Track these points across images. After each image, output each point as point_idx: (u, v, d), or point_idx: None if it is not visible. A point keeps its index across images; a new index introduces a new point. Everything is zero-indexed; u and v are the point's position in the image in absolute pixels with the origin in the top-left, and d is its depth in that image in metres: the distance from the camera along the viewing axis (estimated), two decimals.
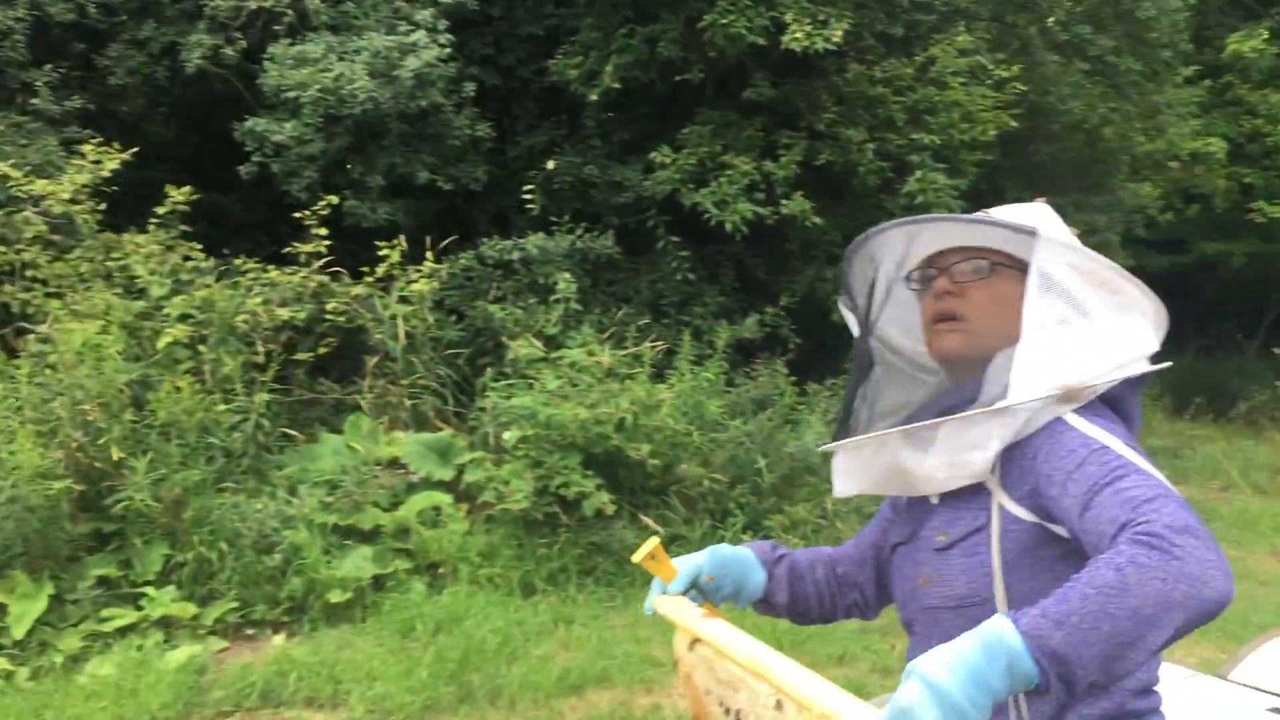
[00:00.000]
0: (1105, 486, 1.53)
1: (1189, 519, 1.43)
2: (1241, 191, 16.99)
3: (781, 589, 2.00)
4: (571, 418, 7.25)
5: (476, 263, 9.15)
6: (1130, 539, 1.42)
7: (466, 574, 6.89)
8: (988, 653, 1.31)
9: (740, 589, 1.97)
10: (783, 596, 2.00)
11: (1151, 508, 1.46)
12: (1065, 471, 1.60)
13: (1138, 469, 1.55)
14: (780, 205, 9.35)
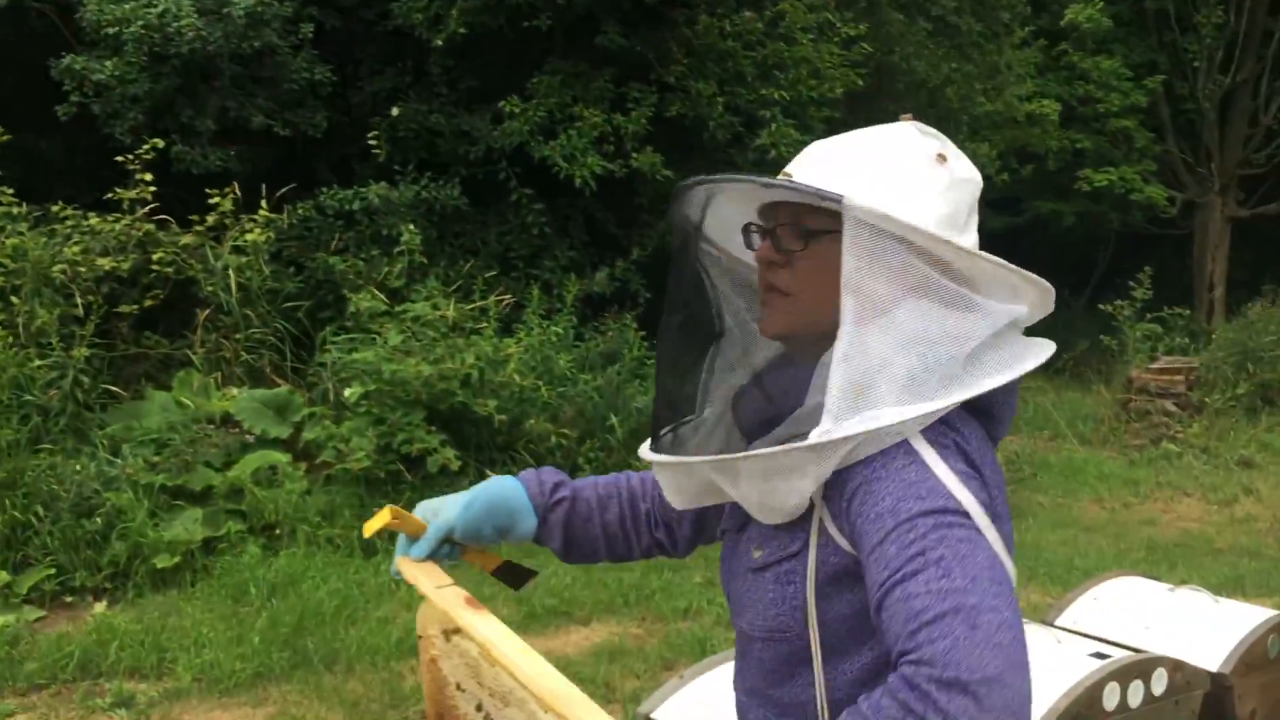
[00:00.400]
0: (895, 586, 1.23)
1: (972, 654, 1.14)
2: (1073, 154, 17.69)
3: (555, 535, 1.75)
4: (415, 373, 7.06)
5: (316, 212, 8.83)
6: (893, 683, 1.18)
7: (304, 535, 6.66)
8: None
9: (507, 533, 1.73)
10: (557, 543, 1.76)
11: (931, 634, 1.16)
12: (870, 543, 1.29)
13: (938, 560, 1.22)
14: (630, 159, 9.26)
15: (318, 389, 7.72)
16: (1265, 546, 7.70)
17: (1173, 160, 18.85)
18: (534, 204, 9.49)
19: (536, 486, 1.74)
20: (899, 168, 1.43)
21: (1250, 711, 3.28)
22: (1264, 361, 11.53)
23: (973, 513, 1.28)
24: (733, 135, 9.87)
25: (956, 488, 1.30)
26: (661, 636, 5.61)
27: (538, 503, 1.74)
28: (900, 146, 1.45)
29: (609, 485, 1.80)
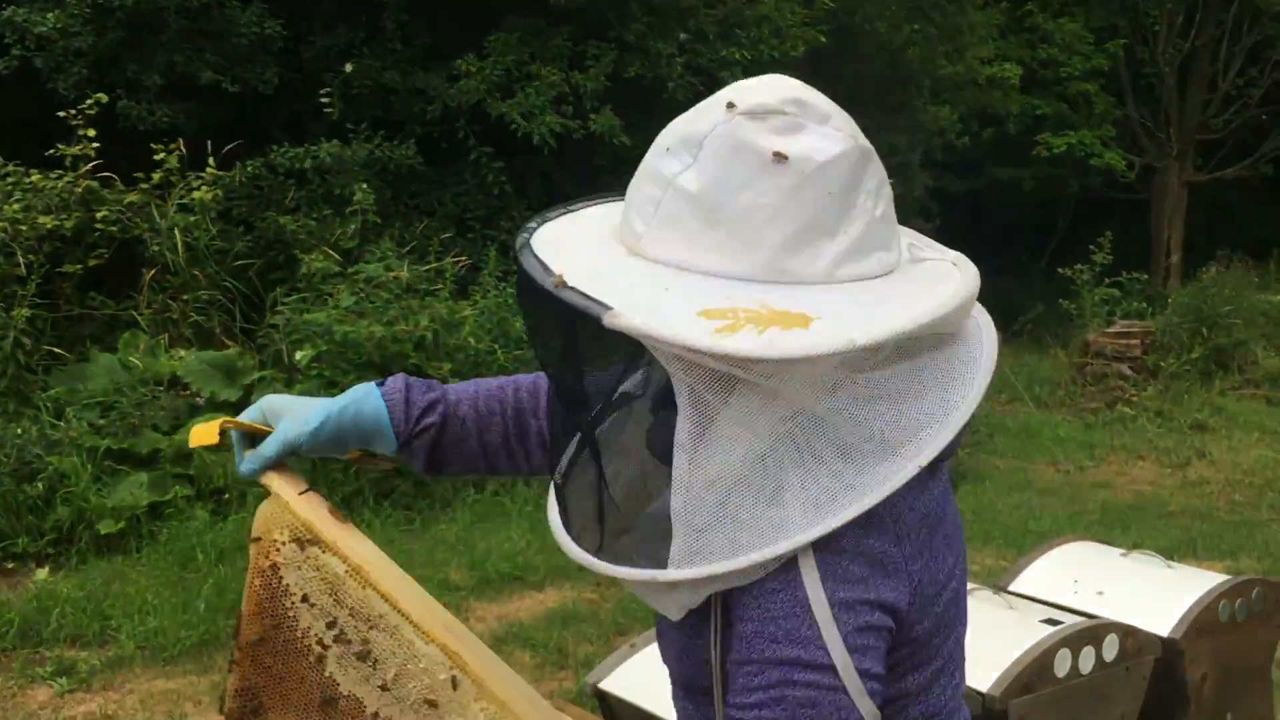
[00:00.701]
0: (731, 714, 1.19)
1: None
2: (1033, 119, 17.68)
3: (418, 457, 1.56)
4: (367, 335, 6.94)
5: (266, 171, 8.62)
6: None
7: (254, 500, 6.53)
8: None
9: (364, 447, 1.56)
10: (419, 464, 1.57)
11: None
12: (730, 655, 1.21)
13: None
14: (589, 119, 9.12)
15: (268, 351, 7.57)
16: (1217, 510, 7.77)
17: (1132, 125, 18.90)
18: (493, 163, 9.34)
19: (402, 409, 1.54)
20: (709, 207, 1.15)
21: (1201, 676, 3.27)
22: (1219, 326, 11.61)
23: (836, 663, 1.14)
24: (693, 95, 9.73)
25: (827, 628, 1.14)
26: (616, 601, 5.56)
27: (400, 428, 1.54)
28: (717, 167, 1.15)
29: (490, 401, 1.59)
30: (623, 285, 1.16)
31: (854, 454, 1.16)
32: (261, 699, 1.52)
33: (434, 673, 1.47)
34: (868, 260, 1.20)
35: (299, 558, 1.49)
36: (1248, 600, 3.36)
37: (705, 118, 1.19)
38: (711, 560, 1.16)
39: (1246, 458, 8.92)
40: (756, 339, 1.09)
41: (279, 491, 1.52)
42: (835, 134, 1.17)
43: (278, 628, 1.50)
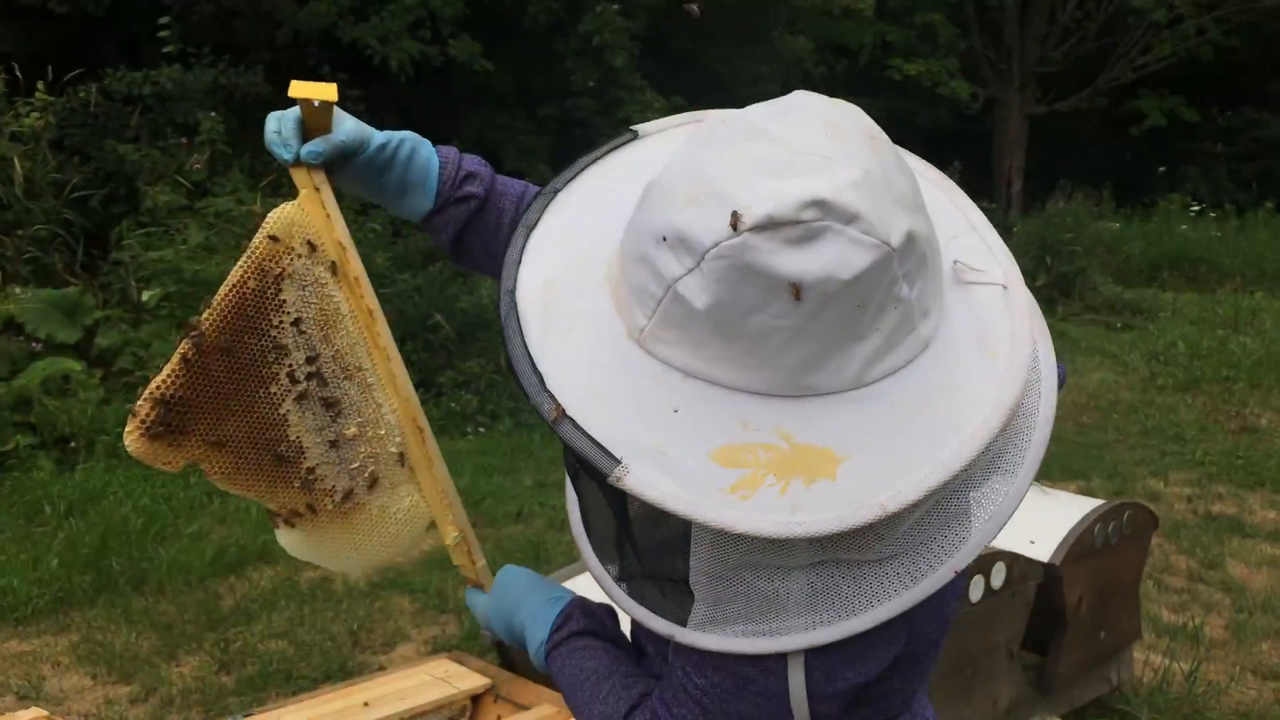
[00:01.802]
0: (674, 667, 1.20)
1: None
2: (882, 48, 17.95)
3: (447, 230, 1.46)
4: (221, 274, 6.59)
5: (101, 97, 8.08)
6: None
7: (103, 448, 6.22)
8: (521, 638, 1.42)
9: (391, 199, 1.45)
10: (445, 238, 1.47)
11: (663, 715, 1.20)
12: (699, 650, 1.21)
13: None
14: (447, 45, 8.83)
15: (113, 289, 7.16)
16: (1066, 432, 8.09)
17: (976, 57, 19.35)
18: (349, 90, 8.96)
19: (453, 169, 1.44)
20: (717, 324, 1.00)
21: (1078, 598, 3.40)
22: (1061, 255, 12.06)
23: (791, 697, 1.12)
24: (554, 21, 9.52)
25: (795, 673, 1.11)
26: (494, 542, 5.48)
27: (444, 187, 1.44)
28: (724, 290, 0.98)
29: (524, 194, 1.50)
30: (625, 407, 1.03)
31: (878, 557, 1.07)
32: (190, 417, 1.33)
33: (387, 444, 1.41)
34: (899, 350, 1.05)
35: (309, 277, 1.36)
36: (1120, 524, 3.49)
37: (706, 223, 0.98)
38: (727, 634, 1.11)
39: (1090, 381, 9.30)
40: (775, 507, 0.98)
41: (325, 199, 1.37)
42: (864, 240, 0.97)
43: (252, 341, 1.35)
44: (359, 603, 4.88)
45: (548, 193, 1.21)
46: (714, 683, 1.15)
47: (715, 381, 1.03)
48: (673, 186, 1.03)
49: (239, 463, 1.36)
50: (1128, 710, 3.78)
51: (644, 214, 1.06)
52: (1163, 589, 4.94)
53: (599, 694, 1.30)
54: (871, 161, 1.00)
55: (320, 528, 1.43)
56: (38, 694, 4.15)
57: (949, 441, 1.01)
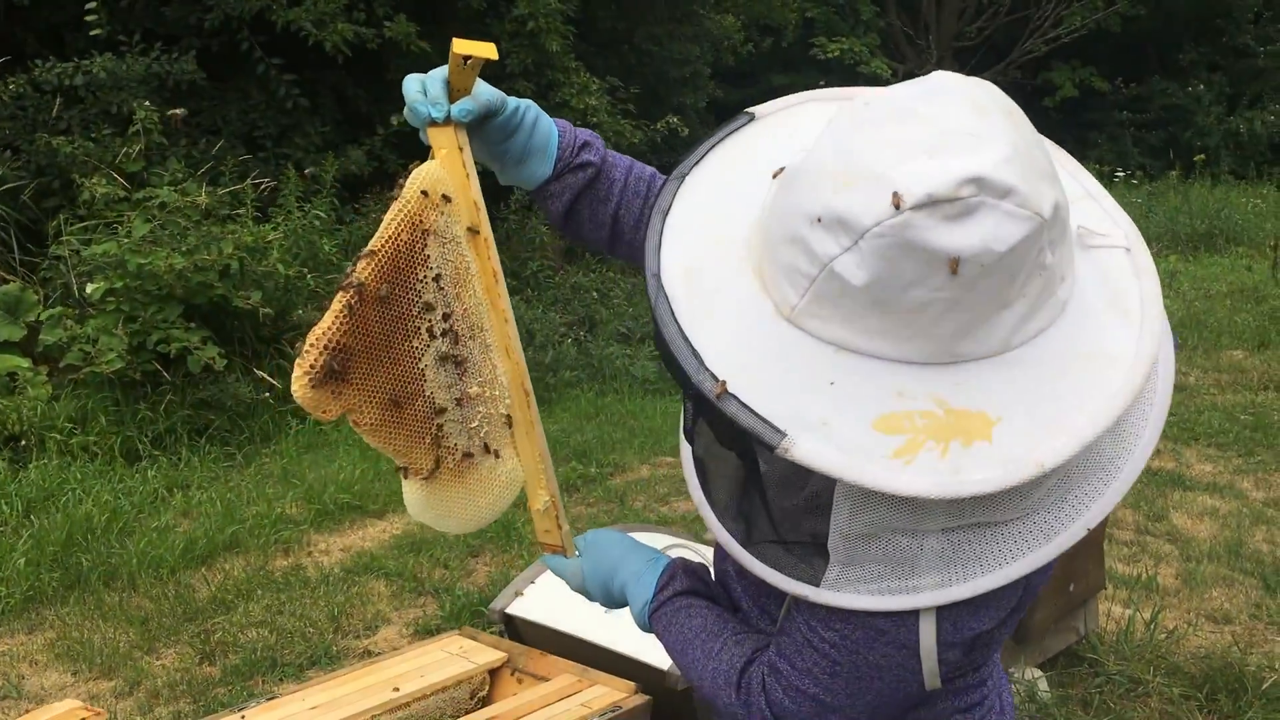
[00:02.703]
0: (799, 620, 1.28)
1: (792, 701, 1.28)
2: (804, 26, 18.15)
3: (562, 198, 1.51)
4: (167, 266, 6.52)
5: (30, 88, 7.88)
6: (752, 687, 1.33)
7: (55, 445, 6.13)
8: (621, 598, 1.52)
9: (514, 163, 1.49)
10: (559, 206, 1.52)
11: (785, 670, 1.28)
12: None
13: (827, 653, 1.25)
14: (383, 27, 8.75)
15: (54, 285, 7.02)
16: None
17: (894, 33, 19.66)
18: (283, 75, 8.84)
19: (570, 138, 1.49)
20: (874, 299, 1.05)
21: None
22: None
23: (921, 647, 1.20)
24: (489, 3, 9.49)
25: (926, 623, 1.19)
26: None
27: (563, 154, 1.49)
28: (883, 266, 1.03)
29: (640, 175, 1.55)
30: (784, 383, 1.08)
31: (1013, 517, 1.13)
32: (350, 365, 1.33)
33: (499, 405, 1.45)
34: (1041, 314, 1.09)
35: (448, 234, 1.39)
36: None
37: (865, 203, 1.02)
38: (862, 593, 1.17)
39: None
40: (938, 469, 1.03)
41: (466, 159, 1.40)
42: (1019, 213, 1.02)
43: (401, 294, 1.36)
44: (335, 588, 4.89)
45: (676, 178, 1.25)
46: (844, 635, 1.21)
47: (869, 354, 1.07)
48: (823, 170, 1.07)
49: (384, 415, 1.37)
50: (1095, 659, 3.96)
51: (794, 197, 1.10)
52: (1113, 542, 5.16)
53: (710, 650, 1.37)
54: (1016, 137, 1.05)
55: (441, 486, 1.45)
56: (19, 693, 4.11)
57: (1095, 399, 1.07)
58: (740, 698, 1.33)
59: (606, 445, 6.89)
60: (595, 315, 9.37)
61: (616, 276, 10.34)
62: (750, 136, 1.29)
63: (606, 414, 7.61)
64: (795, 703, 1.27)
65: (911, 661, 1.20)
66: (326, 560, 5.26)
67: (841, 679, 1.23)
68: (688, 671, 1.41)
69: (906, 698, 1.25)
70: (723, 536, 1.31)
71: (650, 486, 6.21)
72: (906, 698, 1.25)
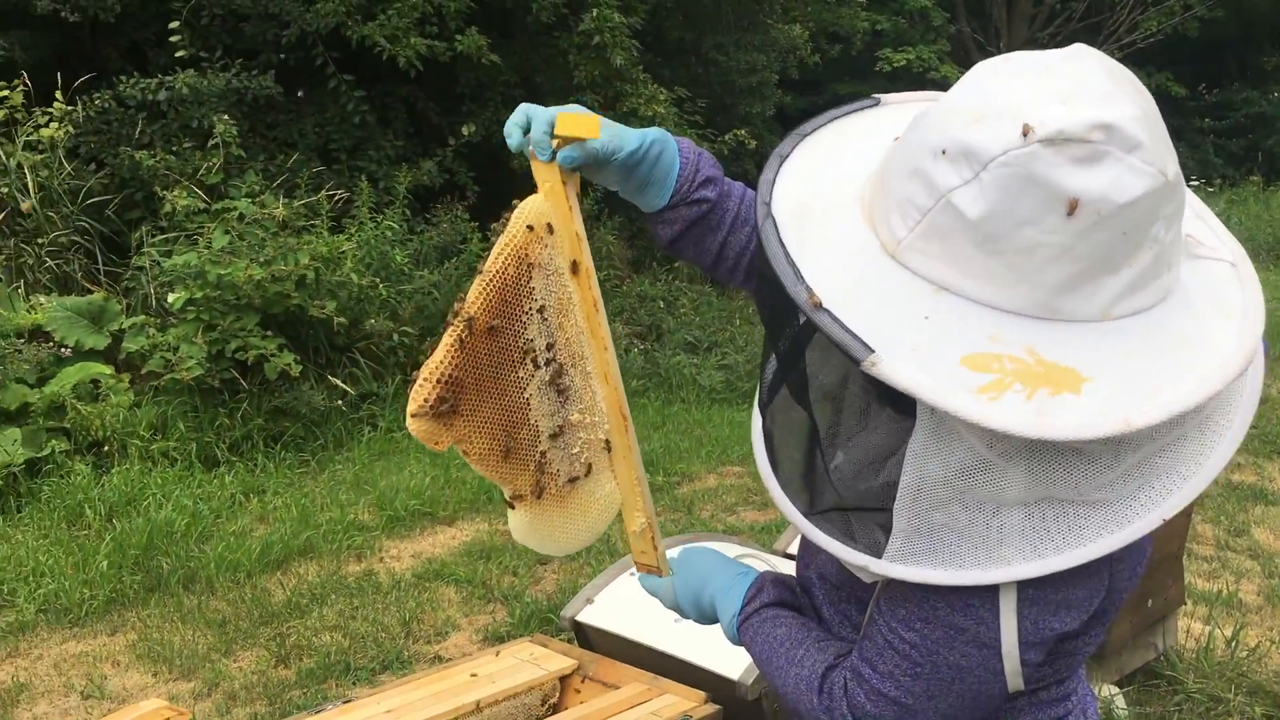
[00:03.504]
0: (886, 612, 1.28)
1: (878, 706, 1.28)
2: (873, 35, 18.04)
3: (672, 227, 1.53)
4: (245, 277, 6.66)
5: (115, 104, 8.11)
6: (834, 691, 1.33)
7: (137, 451, 6.28)
8: (712, 612, 1.52)
9: (629, 191, 1.52)
10: (667, 234, 1.55)
11: (867, 674, 1.28)
12: (901, 596, 1.28)
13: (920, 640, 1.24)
14: (455, 41, 8.87)
15: (136, 294, 7.21)
16: None
17: (965, 40, 19.47)
18: (354, 91, 9.00)
19: (691, 172, 1.51)
20: (986, 235, 1.05)
21: None
22: None
23: (1003, 646, 1.19)
24: (557, 18, 9.56)
25: (1007, 617, 1.18)
26: None
27: (681, 188, 1.51)
28: (1002, 198, 1.03)
29: (752, 202, 1.56)
30: (880, 310, 1.08)
31: (1102, 491, 1.11)
32: (461, 398, 1.39)
33: (598, 430, 1.49)
34: (1146, 291, 1.09)
35: (551, 266, 1.43)
36: None
37: (995, 134, 1.04)
38: (928, 565, 1.16)
39: None
40: (1023, 409, 1.02)
41: (569, 194, 1.43)
42: (1143, 168, 1.03)
43: (508, 326, 1.41)
44: (406, 594, 4.96)
45: (797, 134, 1.28)
46: (924, 635, 1.21)
47: (967, 296, 1.07)
48: (957, 107, 1.09)
49: (492, 444, 1.43)
50: (1174, 676, 3.89)
51: (921, 132, 1.11)
52: (1193, 557, 5.05)
53: (794, 658, 1.38)
54: (1146, 105, 1.07)
55: (543, 511, 1.50)
56: (101, 693, 4.22)
57: (1189, 378, 1.06)
58: (822, 702, 1.33)
59: (674, 454, 6.90)
60: (662, 324, 9.39)
61: (683, 286, 10.35)
62: (873, 116, 1.31)
63: (673, 423, 7.62)
64: (877, 707, 1.27)
65: (992, 662, 1.20)
66: (398, 566, 5.33)
67: (923, 681, 1.23)
68: (773, 679, 1.42)
69: (988, 701, 1.24)
70: (786, 508, 1.31)
71: (718, 496, 6.21)
72: (988, 701, 1.24)
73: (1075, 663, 1.32)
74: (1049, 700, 1.34)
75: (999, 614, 1.17)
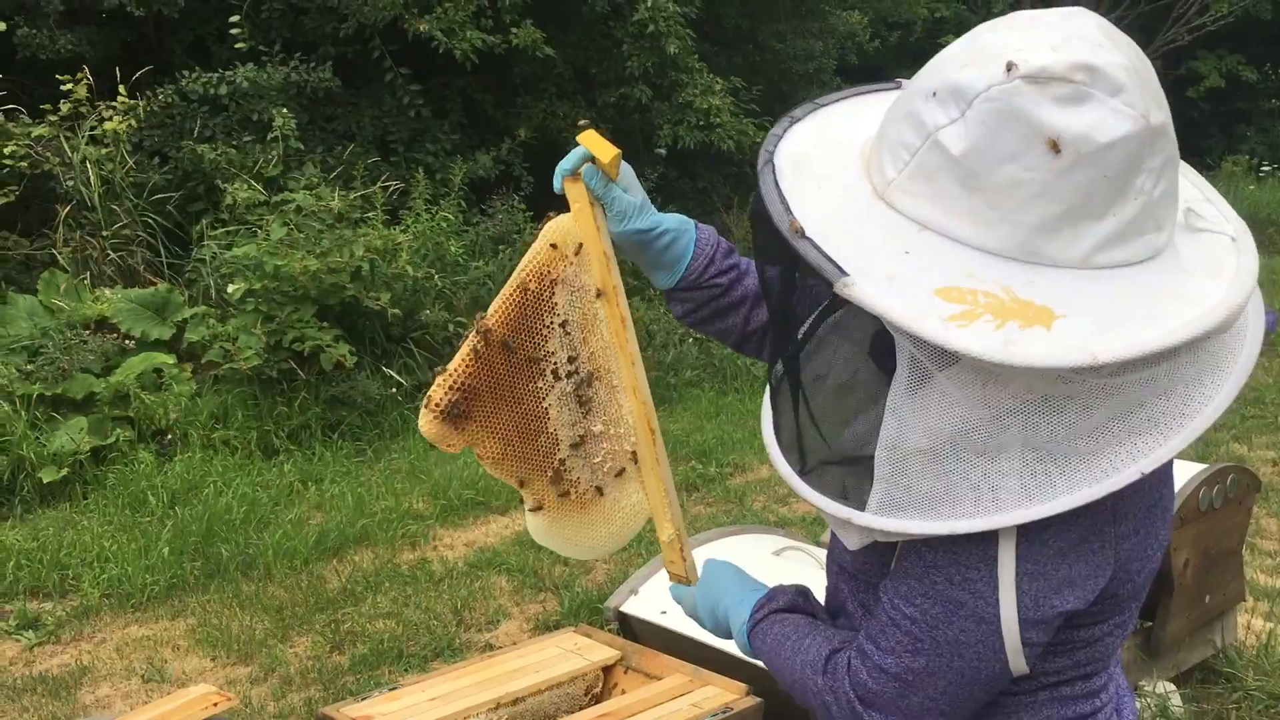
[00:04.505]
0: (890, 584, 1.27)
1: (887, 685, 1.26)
2: (935, 21, 17.83)
3: (683, 305, 1.59)
4: (302, 268, 6.75)
5: (178, 98, 8.25)
6: (838, 670, 1.32)
7: (198, 439, 6.40)
8: (725, 624, 1.52)
9: (649, 264, 1.56)
10: (678, 311, 1.60)
11: (870, 650, 1.27)
12: (904, 571, 1.27)
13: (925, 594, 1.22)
14: (510, 34, 8.91)
15: (198, 286, 7.35)
16: None
17: None
18: (410, 85, 9.07)
19: (702, 268, 1.55)
20: (968, 172, 1.07)
21: (1184, 562, 3.44)
22: None
23: (1002, 620, 1.17)
24: (611, 8, 9.56)
25: (1006, 591, 1.16)
26: None
27: (688, 279, 1.55)
28: (984, 134, 1.06)
29: None
30: (861, 242, 1.11)
31: (1078, 443, 1.10)
32: (473, 404, 1.47)
33: (624, 443, 1.53)
34: (1132, 245, 1.09)
35: (577, 283, 1.49)
36: (1224, 487, 3.52)
37: (980, 72, 1.06)
38: (909, 517, 1.16)
39: None
40: (990, 337, 1.02)
41: (598, 213, 1.48)
42: (1125, 111, 1.04)
43: (527, 339, 1.48)
44: (459, 582, 5.01)
45: (813, 104, 1.32)
46: (924, 610, 1.20)
47: (950, 235, 1.10)
48: (951, 54, 1.13)
49: (506, 450, 1.49)
50: (1233, 673, 3.81)
51: (917, 81, 1.15)
52: (1256, 552, 4.94)
53: (800, 647, 1.39)
54: (1138, 62, 1.08)
55: (563, 516, 1.56)
56: (161, 676, 4.31)
57: (1168, 322, 1.05)
58: (826, 681, 1.33)
59: (727, 445, 6.89)
60: None
61: None
62: (892, 97, 1.31)
63: (727, 413, 7.61)
64: (878, 683, 1.26)
65: (991, 639, 1.19)
66: (451, 555, 5.38)
67: (922, 657, 1.22)
68: (781, 674, 1.42)
69: (989, 682, 1.23)
70: (783, 470, 1.32)
71: (770, 487, 6.19)
72: (989, 682, 1.23)
73: (1100, 655, 1.30)
74: (1074, 696, 1.31)
75: (997, 589, 1.16)
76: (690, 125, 9.92)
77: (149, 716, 2.63)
